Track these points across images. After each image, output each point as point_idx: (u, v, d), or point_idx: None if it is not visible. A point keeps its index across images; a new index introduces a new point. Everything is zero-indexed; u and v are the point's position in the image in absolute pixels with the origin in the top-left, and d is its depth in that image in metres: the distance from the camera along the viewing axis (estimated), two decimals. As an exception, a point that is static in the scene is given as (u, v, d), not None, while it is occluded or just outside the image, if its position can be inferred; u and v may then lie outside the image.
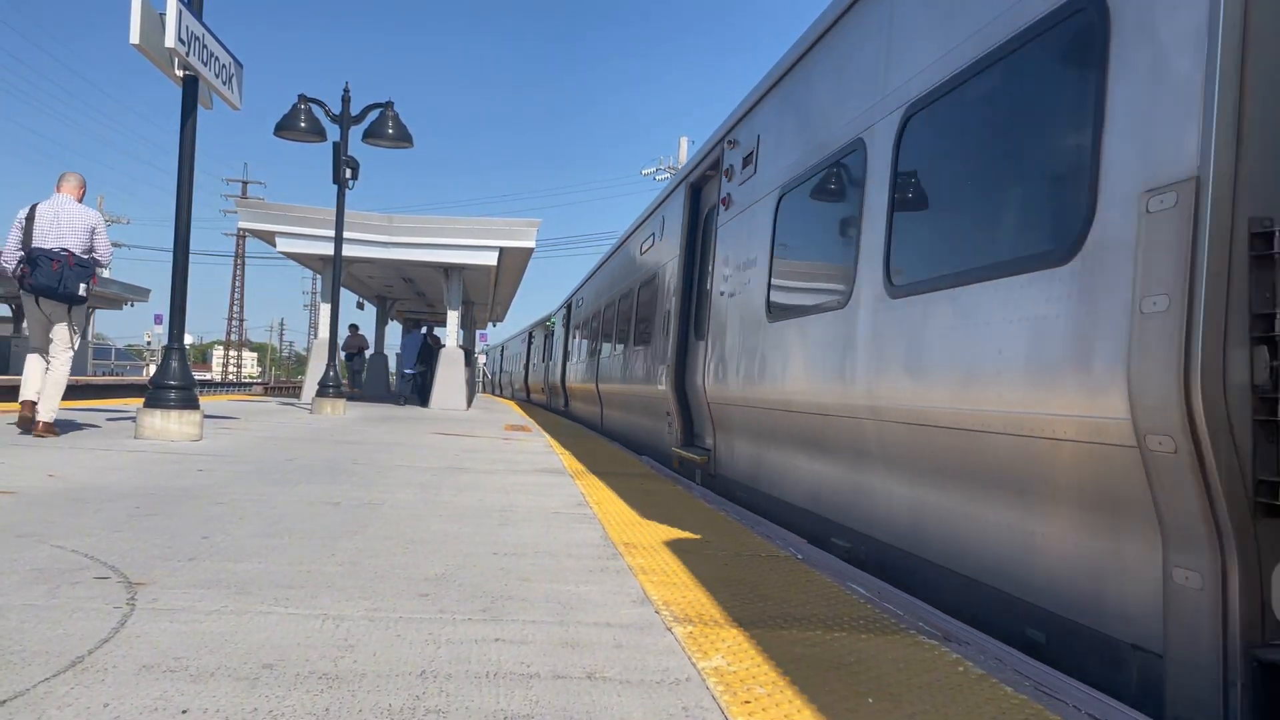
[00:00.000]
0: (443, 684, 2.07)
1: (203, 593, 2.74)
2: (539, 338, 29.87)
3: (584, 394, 17.29)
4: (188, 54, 7.55)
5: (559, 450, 8.94)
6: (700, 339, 8.41)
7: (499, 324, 43.65)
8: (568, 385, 20.24)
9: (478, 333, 38.26)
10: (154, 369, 9.16)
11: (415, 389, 19.36)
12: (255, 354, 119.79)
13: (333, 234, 14.37)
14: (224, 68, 8.34)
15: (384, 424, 11.71)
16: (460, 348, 18.74)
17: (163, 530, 3.66)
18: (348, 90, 13.76)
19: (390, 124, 13.67)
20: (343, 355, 22.16)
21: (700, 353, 8.28)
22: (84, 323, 7.63)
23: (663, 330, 9.87)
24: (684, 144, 36.02)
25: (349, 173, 13.85)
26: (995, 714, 2.11)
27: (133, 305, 37.78)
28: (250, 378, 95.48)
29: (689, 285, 9.08)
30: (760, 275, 6.45)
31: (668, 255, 10.06)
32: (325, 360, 14.23)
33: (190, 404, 7.75)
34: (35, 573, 2.86)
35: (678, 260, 9.35)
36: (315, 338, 18.49)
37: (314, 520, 4.11)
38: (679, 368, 9.08)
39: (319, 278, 20.25)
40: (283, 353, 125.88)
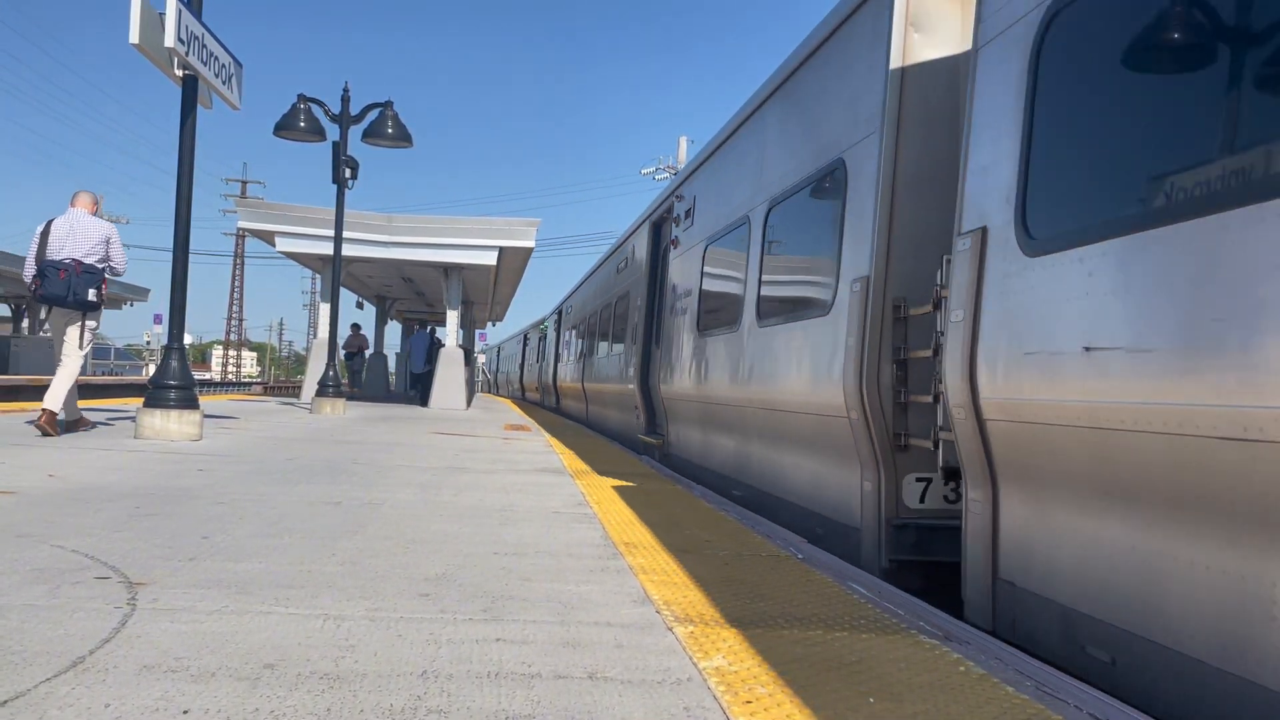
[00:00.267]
0: (444, 684, 2.07)
1: (203, 593, 2.74)
2: (534, 340, 32.42)
3: (573, 392, 19.63)
4: (187, 53, 7.55)
5: (559, 450, 8.94)
6: (657, 347, 10.61)
7: (498, 323, 43.67)
8: (559, 384, 22.42)
9: (477, 332, 38.23)
10: (153, 369, 9.21)
11: (420, 388, 19.38)
12: (255, 354, 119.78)
13: (332, 234, 14.36)
14: (223, 67, 8.34)
15: (384, 424, 11.71)
16: (460, 347, 18.74)
17: (163, 530, 3.66)
18: (347, 90, 13.76)
19: (389, 124, 13.66)
20: (343, 355, 22.16)
21: (656, 358, 10.55)
22: (98, 327, 7.95)
23: (632, 339, 12.04)
24: (683, 143, 35.96)
25: (348, 172, 13.84)
26: (996, 714, 2.11)
27: (132, 305, 37.82)
28: (250, 377, 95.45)
29: (650, 304, 11.24)
30: (693, 301, 8.73)
31: (636, 278, 12.31)
32: (325, 360, 14.21)
33: (190, 404, 7.75)
34: (36, 573, 2.86)
35: (643, 283, 11.55)
36: (315, 337, 18.49)
37: (314, 520, 4.11)
38: (643, 370, 11.27)
39: (318, 277, 20.26)
40: (282, 352, 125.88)
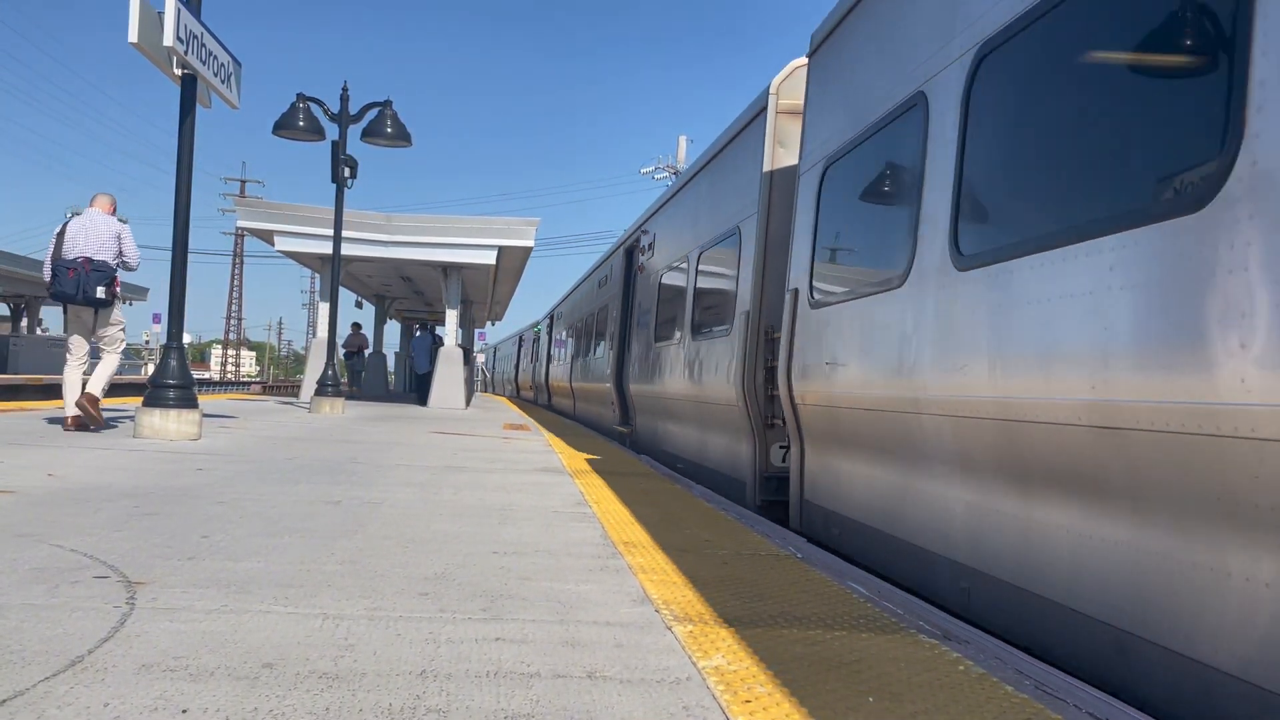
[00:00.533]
0: (443, 683, 2.07)
1: (202, 592, 2.74)
2: (528, 342, 35.55)
3: (562, 390, 22.16)
4: (186, 52, 7.54)
5: (558, 449, 8.94)
6: (628, 353, 12.95)
7: (498, 323, 43.68)
8: (550, 383, 25.08)
9: (476, 331, 38.21)
10: (152, 368, 9.29)
11: (422, 388, 19.37)
12: (254, 353, 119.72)
13: (331, 233, 14.34)
14: (222, 66, 8.33)
15: (383, 423, 11.71)
16: (459, 346, 18.72)
17: (162, 529, 3.66)
18: (346, 89, 13.74)
19: (389, 123, 13.64)
20: (342, 354, 22.13)
21: (627, 362, 12.91)
22: (123, 325, 8.26)
23: (610, 345, 14.44)
24: (683, 143, 35.95)
25: (347, 172, 13.82)
26: (996, 713, 2.11)
27: (130, 304, 37.79)
28: (249, 377, 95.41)
29: (624, 316, 13.53)
30: (652, 317, 11.13)
31: (613, 294, 14.64)
32: (324, 359, 14.20)
33: (189, 403, 7.74)
34: (35, 572, 2.85)
35: (619, 299, 13.88)
36: (314, 337, 18.47)
37: (314, 519, 4.11)
38: (618, 371, 13.60)
39: (317, 277, 20.23)
40: (281, 352, 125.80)
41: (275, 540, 3.58)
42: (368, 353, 24.60)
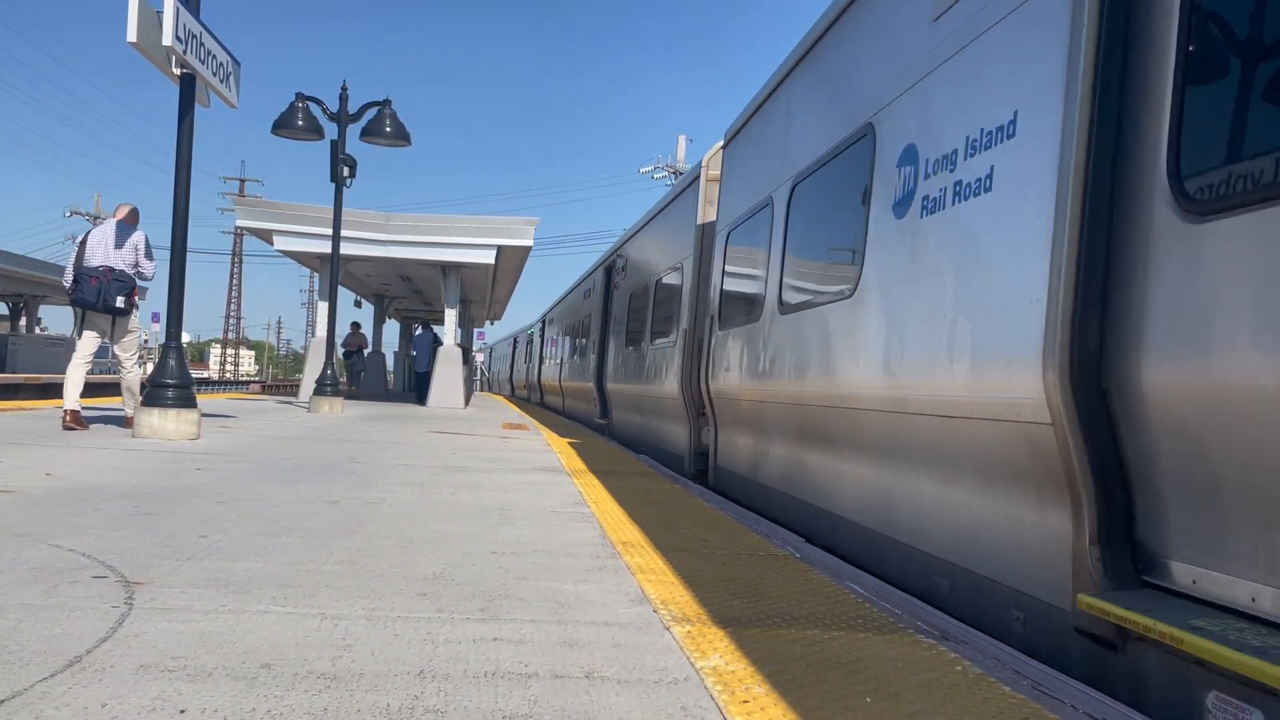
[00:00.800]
0: (441, 683, 2.07)
1: (201, 592, 2.74)
2: (522, 344, 38.07)
3: (553, 389, 24.53)
4: (185, 52, 7.54)
5: (557, 449, 8.94)
6: (606, 356, 15.02)
7: (497, 322, 43.70)
8: (543, 382, 27.42)
9: (475, 331, 38.19)
10: (151, 367, 9.29)
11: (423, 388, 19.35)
12: (253, 352, 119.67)
13: (330, 232, 14.34)
14: (221, 66, 8.33)
15: (382, 423, 11.71)
16: (458, 346, 18.72)
17: (161, 529, 3.66)
18: (345, 88, 13.73)
19: (388, 122, 13.64)
20: (341, 353, 22.12)
21: (605, 364, 15.00)
22: (141, 336, 8.58)
23: (592, 348, 16.51)
24: (682, 142, 36.01)
25: (346, 171, 13.82)
26: (993, 713, 2.11)
27: (130, 304, 37.65)
28: (248, 376, 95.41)
29: (603, 325, 15.50)
30: (623, 324, 13.43)
31: (595, 305, 16.61)
32: (323, 358, 14.20)
33: (188, 403, 7.74)
34: (33, 572, 2.86)
35: (600, 310, 15.91)
36: (313, 336, 18.46)
37: (312, 519, 4.11)
38: (598, 371, 15.59)
39: (316, 276, 20.21)
40: (280, 351, 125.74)
41: (274, 540, 3.58)
42: (367, 352, 24.58)
